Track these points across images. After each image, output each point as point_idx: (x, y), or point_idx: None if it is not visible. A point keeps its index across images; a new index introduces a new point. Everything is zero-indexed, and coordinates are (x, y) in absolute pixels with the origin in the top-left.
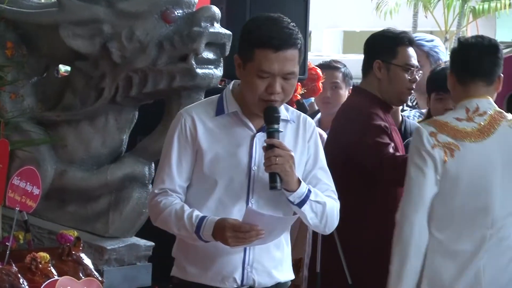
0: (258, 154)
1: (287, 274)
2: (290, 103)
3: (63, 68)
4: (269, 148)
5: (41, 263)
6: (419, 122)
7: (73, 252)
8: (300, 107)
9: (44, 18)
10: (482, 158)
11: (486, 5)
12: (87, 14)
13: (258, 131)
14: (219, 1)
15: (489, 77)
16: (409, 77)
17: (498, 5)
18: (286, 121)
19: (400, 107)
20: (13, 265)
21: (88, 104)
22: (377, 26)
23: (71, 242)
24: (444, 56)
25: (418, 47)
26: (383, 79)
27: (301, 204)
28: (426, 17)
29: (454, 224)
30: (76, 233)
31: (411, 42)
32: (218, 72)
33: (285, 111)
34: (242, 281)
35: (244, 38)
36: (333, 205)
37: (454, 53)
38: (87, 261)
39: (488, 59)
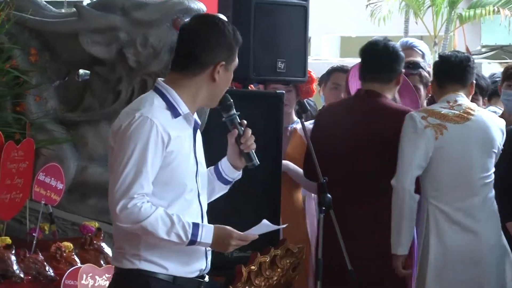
0: (197, 149)
1: None
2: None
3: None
4: (242, 130)
5: (65, 252)
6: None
7: (95, 242)
8: (302, 106)
9: (64, 26)
10: (464, 137)
11: (472, 12)
12: (104, 22)
13: (194, 128)
14: (226, 10)
15: (463, 81)
16: None
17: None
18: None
19: None
20: (40, 254)
21: (106, 106)
22: (372, 32)
23: (92, 233)
24: (430, 57)
25: (415, 48)
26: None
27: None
28: (416, 23)
29: (447, 193)
30: (97, 224)
31: None
32: None
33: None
34: (204, 269)
35: (228, 41)
36: None
37: (436, 65)
38: (108, 250)
39: (462, 68)
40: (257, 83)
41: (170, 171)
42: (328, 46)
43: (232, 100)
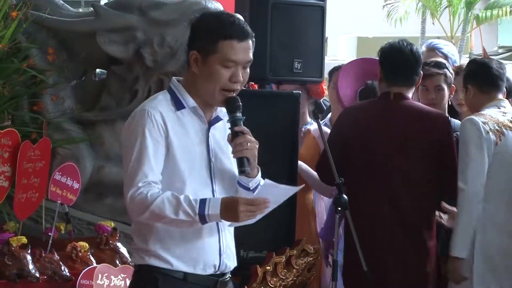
0: (213, 146)
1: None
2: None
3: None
4: (236, 135)
5: (81, 252)
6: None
7: (110, 242)
8: (318, 107)
9: (82, 26)
10: None
11: (488, 13)
12: (121, 22)
13: (209, 124)
14: (242, 10)
15: (502, 87)
16: None
17: (500, 12)
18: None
19: None
20: (55, 253)
21: (123, 105)
22: (388, 32)
23: (108, 232)
24: (457, 59)
25: (437, 49)
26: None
27: (255, 189)
28: (433, 23)
29: (497, 197)
30: (113, 224)
31: None
32: None
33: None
34: (219, 267)
35: (205, 32)
36: None
37: (476, 71)
38: (123, 249)
39: (503, 75)
40: (272, 83)
41: (174, 161)
42: (345, 47)
43: (240, 103)
